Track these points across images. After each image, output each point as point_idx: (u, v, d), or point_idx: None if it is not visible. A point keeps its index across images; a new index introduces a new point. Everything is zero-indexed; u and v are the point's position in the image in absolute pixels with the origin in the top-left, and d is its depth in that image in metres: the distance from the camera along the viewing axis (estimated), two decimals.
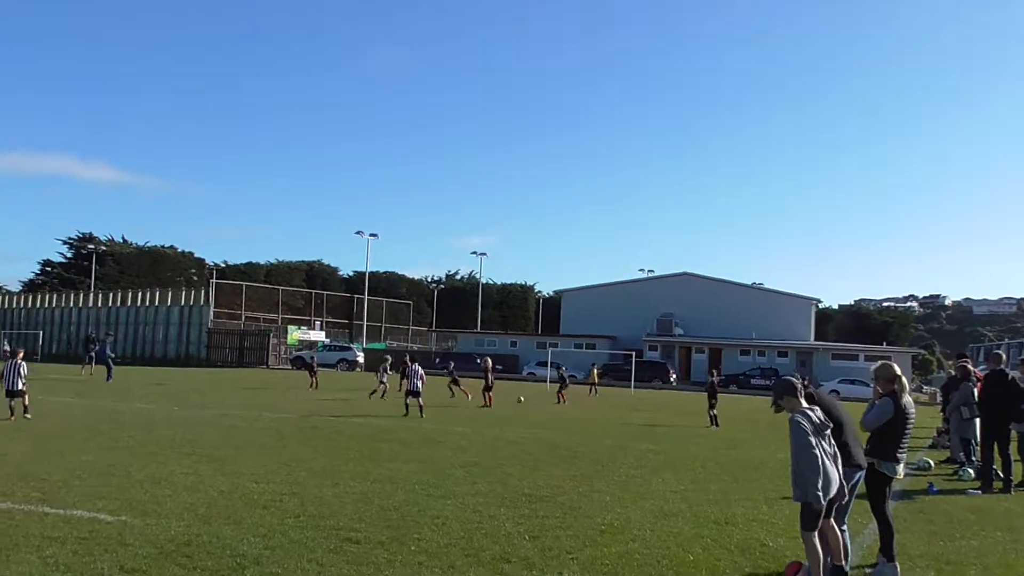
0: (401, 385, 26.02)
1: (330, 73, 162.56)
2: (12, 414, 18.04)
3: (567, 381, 34.39)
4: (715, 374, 27.76)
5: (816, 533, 6.75)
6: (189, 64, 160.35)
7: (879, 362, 8.33)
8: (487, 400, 28.10)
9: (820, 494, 6.60)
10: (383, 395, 29.27)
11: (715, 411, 24.80)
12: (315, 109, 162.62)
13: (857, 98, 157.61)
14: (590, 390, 41.29)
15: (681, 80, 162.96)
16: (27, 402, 18.58)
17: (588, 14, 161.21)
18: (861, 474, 7.56)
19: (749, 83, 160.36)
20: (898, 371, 8.02)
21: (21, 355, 19.39)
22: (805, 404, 6.98)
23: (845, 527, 7.49)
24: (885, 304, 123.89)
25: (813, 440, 6.70)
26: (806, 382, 7.25)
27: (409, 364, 24.75)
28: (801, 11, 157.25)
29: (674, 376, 61.63)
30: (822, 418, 6.88)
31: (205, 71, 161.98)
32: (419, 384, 23.76)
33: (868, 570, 7.85)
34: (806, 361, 65.74)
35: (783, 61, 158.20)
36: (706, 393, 26.02)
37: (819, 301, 78.91)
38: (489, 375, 29.28)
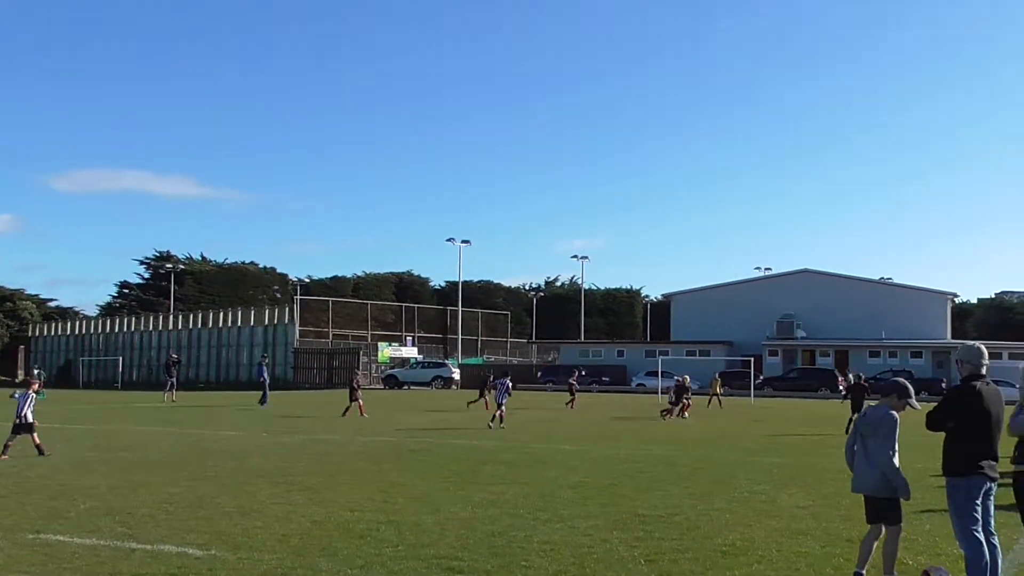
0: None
1: (415, 72, 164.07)
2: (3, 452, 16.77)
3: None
4: (862, 377, 26.07)
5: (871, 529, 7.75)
6: (269, 76, 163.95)
7: None
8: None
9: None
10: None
11: None
12: (397, 108, 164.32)
13: (995, 80, 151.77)
14: (708, 401, 40.79)
15: (796, 69, 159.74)
16: (38, 440, 17.21)
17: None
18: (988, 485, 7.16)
19: (873, 70, 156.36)
20: None
21: (36, 386, 18.93)
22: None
23: (994, 538, 7.19)
24: None
25: (852, 439, 7.89)
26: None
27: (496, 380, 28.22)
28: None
29: (843, 384, 58.87)
30: (869, 419, 7.71)
31: (286, 81, 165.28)
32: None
33: None
34: (943, 362, 63.86)
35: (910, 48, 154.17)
36: (849, 398, 25.17)
37: (956, 295, 76.67)
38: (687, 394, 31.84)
